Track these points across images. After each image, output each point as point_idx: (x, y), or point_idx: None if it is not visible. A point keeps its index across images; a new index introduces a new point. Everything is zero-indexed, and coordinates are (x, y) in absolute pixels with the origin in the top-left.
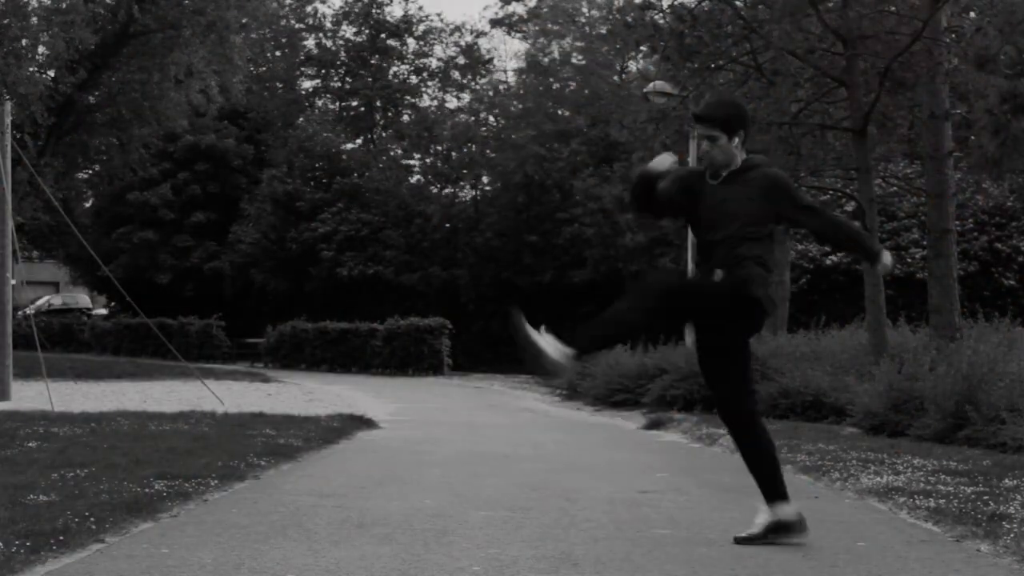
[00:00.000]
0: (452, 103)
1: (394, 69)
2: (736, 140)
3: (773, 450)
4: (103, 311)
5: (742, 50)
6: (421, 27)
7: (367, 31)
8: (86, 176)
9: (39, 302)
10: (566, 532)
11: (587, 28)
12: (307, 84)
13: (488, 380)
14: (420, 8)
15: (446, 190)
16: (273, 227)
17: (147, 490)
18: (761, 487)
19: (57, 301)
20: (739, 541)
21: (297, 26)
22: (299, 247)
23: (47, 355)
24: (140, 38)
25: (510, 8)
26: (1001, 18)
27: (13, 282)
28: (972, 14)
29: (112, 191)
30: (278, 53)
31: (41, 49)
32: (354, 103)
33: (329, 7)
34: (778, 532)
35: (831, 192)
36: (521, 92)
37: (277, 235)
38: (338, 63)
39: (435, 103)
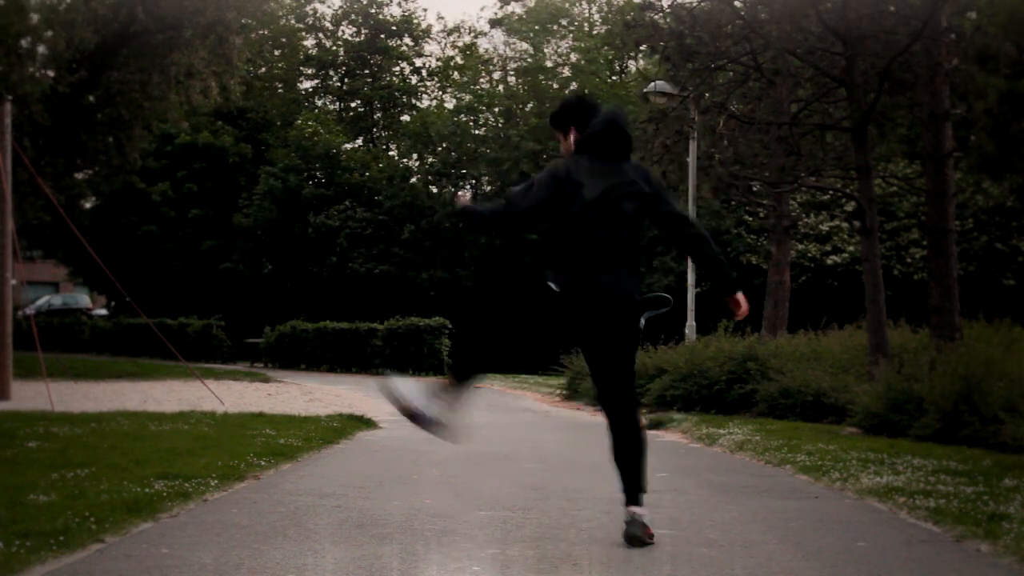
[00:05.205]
0: (451, 103)
1: (394, 68)
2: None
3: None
4: (103, 311)
5: (742, 50)
6: (418, 26)
7: (367, 31)
8: (86, 176)
9: (39, 302)
10: (566, 532)
11: (585, 26)
12: (307, 84)
13: (488, 380)
14: (417, 8)
15: (447, 189)
16: (278, 220)
17: (147, 490)
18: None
19: (57, 301)
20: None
21: (297, 26)
22: (307, 238)
23: (47, 355)
24: (140, 38)
25: (509, 8)
26: (1003, 16)
27: (14, 282)
28: (972, 14)
29: (110, 189)
30: (278, 53)
31: (41, 49)
32: (353, 103)
33: (329, 7)
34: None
35: (831, 192)
36: (507, 93)
37: (283, 227)
38: (338, 63)
39: (435, 103)
